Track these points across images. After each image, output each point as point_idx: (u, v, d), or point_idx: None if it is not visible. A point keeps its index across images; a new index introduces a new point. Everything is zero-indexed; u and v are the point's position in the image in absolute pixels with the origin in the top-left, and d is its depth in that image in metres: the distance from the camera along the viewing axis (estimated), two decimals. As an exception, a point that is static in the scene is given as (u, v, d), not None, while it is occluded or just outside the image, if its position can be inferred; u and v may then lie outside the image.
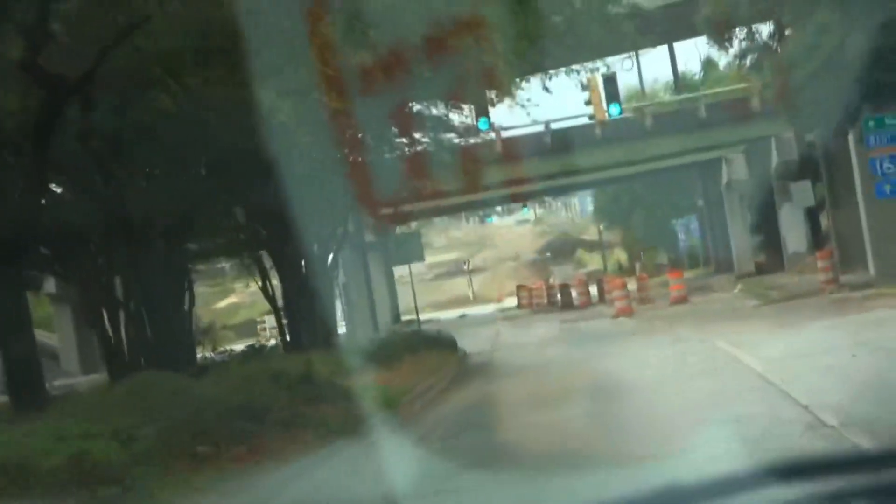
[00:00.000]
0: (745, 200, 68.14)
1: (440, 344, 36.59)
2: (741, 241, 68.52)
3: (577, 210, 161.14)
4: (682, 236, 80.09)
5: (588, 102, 48.53)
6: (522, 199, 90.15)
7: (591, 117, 50.90)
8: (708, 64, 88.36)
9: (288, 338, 35.65)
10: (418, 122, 34.15)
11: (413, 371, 27.77)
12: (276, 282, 36.32)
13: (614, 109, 48.45)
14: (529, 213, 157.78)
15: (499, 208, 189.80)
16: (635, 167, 68.79)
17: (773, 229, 62.04)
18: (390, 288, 74.03)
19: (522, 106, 34.86)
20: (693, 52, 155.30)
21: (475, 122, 38.91)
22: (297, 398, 20.91)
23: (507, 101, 35.06)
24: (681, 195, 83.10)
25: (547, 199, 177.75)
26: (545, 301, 68.86)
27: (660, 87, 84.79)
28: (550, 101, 57.68)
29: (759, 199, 64.07)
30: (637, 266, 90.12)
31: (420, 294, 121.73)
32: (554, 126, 60.85)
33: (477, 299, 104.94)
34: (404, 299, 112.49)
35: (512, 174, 60.37)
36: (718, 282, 62.24)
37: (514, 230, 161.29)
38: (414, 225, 66.97)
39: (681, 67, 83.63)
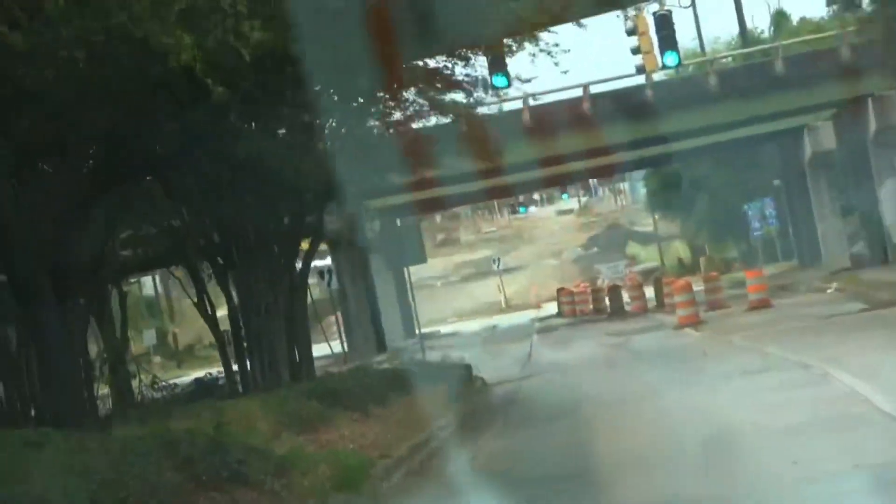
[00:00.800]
0: (834, 178, 62.18)
1: (445, 374, 30.95)
2: (831, 229, 62.83)
3: (628, 196, 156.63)
4: (755, 224, 74.11)
5: (636, 51, 42.46)
6: (561, 183, 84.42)
7: (640, 70, 44.71)
8: (780, 17, 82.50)
9: (247, 368, 29.89)
10: (410, 76, 28.34)
11: (398, 420, 22.11)
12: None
13: (671, 58, 42.31)
14: (570, 200, 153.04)
15: (536, 196, 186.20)
16: (696, 140, 62.88)
17: (873, 212, 56.12)
18: (401, 296, 68.28)
19: (549, 54, 29.06)
20: (760, 6, 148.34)
21: (489, 79, 32.99)
22: (199, 479, 15.32)
23: (528, 47, 29.48)
24: (753, 174, 77.26)
25: (591, 183, 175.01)
26: (591, 307, 63.23)
27: (721, 47, 79.01)
28: (589, 54, 52.26)
29: (853, 175, 58.15)
30: (702, 262, 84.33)
31: (443, 300, 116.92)
32: (594, 89, 55.13)
33: (511, 306, 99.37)
34: (429, 307, 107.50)
35: (543, 151, 54.71)
36: (805, 279, 56.54)
37: (556, 222, 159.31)
38: (408, 220, 61.10)
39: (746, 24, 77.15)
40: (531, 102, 53.73)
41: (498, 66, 34.41)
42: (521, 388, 31.44)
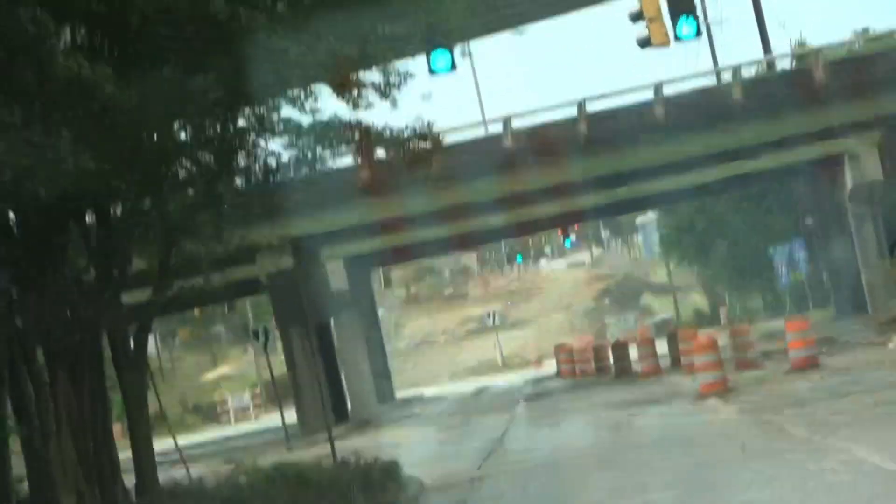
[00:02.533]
0: (880, 213, 50.80)
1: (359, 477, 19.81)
2: (876, 272, 51.38)
3: (641, 248, 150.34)
4: (782, 269, 63.02)
5: (638, 17, 31.01)
6: (562, 226, 73.09)
7: (643, 43, 32.80)
8: (801, 50, 71.22)
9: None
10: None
11: None
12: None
13: (687, 27, 30.82)
14: (583, 253, 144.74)
15: (547, 250, 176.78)
16: (715, 170, 51.61)
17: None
18: (374, 353, 56.93)
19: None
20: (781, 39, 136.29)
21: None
22: None
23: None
24: (779, 212, 66.09)
25: (604, 235, 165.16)
26: (593, 367, 51.73)
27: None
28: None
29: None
30: (722, 312, 72.83)
31: (442, 357, 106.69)
32: (593, 107, 44.04)
33: (508, 364, 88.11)
34: (425, 366, 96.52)
35: (517, 185, 43.78)
36: (849, 331, 45.29)
37: (567, 275, 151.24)
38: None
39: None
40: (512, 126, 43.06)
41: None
42: (467, 501, 20.06)
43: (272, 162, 20.45)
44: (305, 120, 20.61)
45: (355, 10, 17.48)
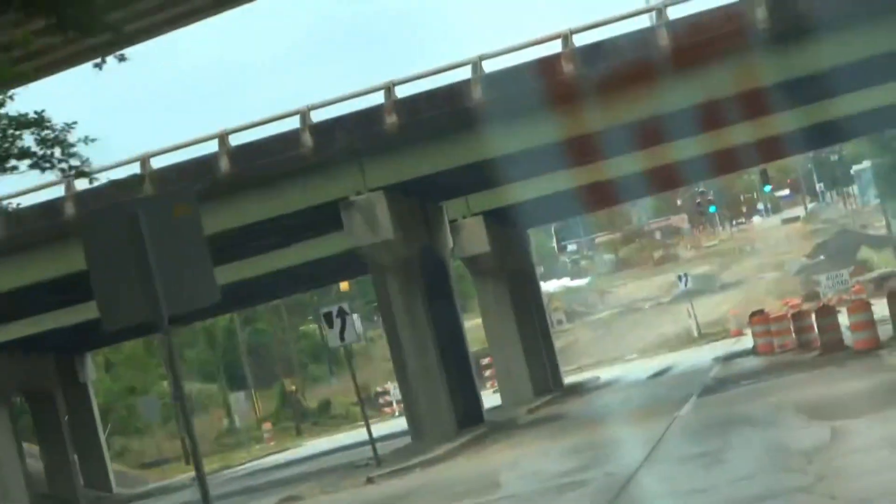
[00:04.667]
0: None
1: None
2: None
3: (858, 198, 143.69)
4: None
5: None
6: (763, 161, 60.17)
7: None
8: None
9: None
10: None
11: None
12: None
13: None
14: (770, 191, 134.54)
15: (760, 206, 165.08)
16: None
17: None
18: (527, 334, 45.56)
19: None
20: None
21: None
22: None
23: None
24: None
25: (819, 187, 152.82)
26: (794, 340, 39.52)
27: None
28: None
29: None
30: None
31: (638, 328, 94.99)
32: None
33: (705, 335, 75.61)
34: (616, 339, 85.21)
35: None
36: None
37: (780, 231, 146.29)
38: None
39: None
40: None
41: None
42: None
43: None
44: None
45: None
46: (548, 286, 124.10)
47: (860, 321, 33.63)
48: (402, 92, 33.36)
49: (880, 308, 36.00)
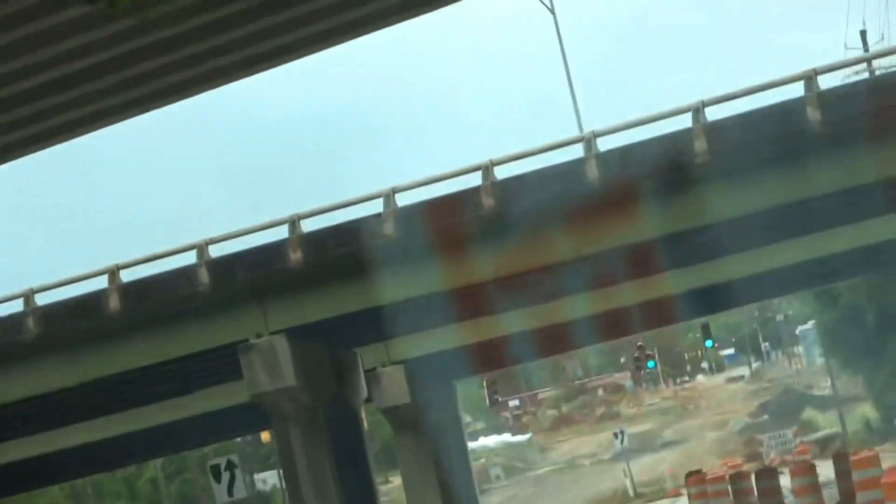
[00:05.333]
0: None
1: None
2: None
3: (803, 358, 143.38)
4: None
5: None
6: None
7: None
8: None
9: None
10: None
11: None
12: None
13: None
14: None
15: (704, 365, 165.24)
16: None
17: None
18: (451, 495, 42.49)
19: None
20: None
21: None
22: None
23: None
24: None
25: (764, 347, 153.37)
26: (731, 502, 36.71)
27: None
28: None
29: None
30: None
31: (574, 486, 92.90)
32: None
33: (640, 494, 73.83)
34: (554, 495, 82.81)
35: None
36: None
37: (724, 390, 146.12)
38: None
39: None
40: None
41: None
42: None
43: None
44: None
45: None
46: (487, 441, 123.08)
47: (804, 485, 31.05)
48: (308, 226, 30.82)
49: (825, 470, 33.41)
